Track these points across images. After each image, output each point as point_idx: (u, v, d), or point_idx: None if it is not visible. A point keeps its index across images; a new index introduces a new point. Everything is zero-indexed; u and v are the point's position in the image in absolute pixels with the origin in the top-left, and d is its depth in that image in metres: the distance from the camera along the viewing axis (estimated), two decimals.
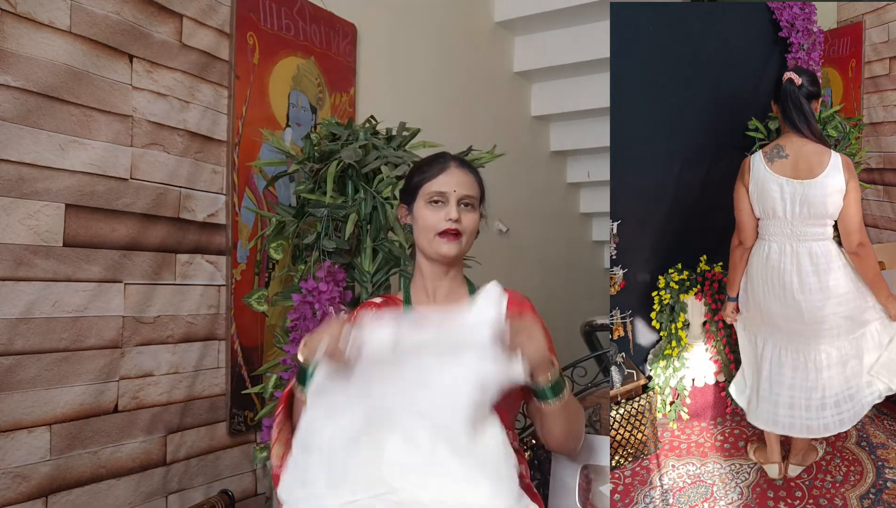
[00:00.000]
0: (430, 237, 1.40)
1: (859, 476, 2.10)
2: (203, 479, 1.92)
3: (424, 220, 1.41)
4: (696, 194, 2.45)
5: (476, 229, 1.45)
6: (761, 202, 1.93)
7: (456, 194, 1.40)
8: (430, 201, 1.41)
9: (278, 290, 2.03)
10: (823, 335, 1.90)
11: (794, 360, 1.94)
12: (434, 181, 1.41)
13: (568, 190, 4.30)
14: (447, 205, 1.40)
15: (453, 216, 1.38)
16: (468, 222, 1.41)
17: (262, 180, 2.08)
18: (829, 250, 1.88)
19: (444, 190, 1.40)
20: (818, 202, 1.85)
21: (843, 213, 1.87)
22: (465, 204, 1.41)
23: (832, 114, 2.45)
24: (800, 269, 1.88)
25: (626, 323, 2.39)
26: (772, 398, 1.98)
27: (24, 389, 1.51)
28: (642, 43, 2.23)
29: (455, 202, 1.40)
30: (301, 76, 2.25)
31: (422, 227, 1.42)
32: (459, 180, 1.42)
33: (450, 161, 1.44)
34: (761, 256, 1.97)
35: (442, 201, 1.40)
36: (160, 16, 1.80)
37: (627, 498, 2.14)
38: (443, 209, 1.40)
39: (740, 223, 2.01)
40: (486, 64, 3.48)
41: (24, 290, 1.51)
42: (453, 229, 1.39)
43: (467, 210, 1.42)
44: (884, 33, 2.89)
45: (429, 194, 1.41)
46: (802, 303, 1.88)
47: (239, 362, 2.01)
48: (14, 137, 1.49)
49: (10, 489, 1.48)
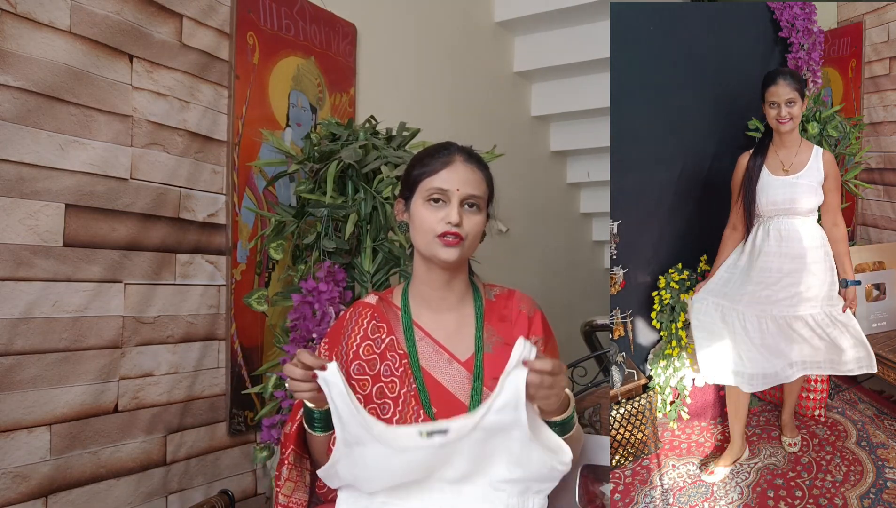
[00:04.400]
0: (427, 239, 1.24)
1: (859, 475, 2.10)
2: (203, 479, 1.92)
3: (422, 220, 1.25)
4: (696, 193, 2.45)
5: (480, 232, 1.29)
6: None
7: (459, 193, 1.24)
8: (429, 198, 1.25)
9: (278, 290, 2.03)
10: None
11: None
12: (436, 177, 1.24)
13: (568, 190, 4.30)
14: (448, 205, 1.24)
15: (454, 219, 1.22)
16: (471, 226, 1.25)
17: (262, 180, 2.08)
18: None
19: (446, 188, 1.23)
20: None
21: None
22: (470, 204, 1.26)
23: (832, 114, 2.45)
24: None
25: (627, 323, 2.39)
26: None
27: (24, 389, 1.51)
28: (642, 43, 2.23)
29: (458, 202, 1.23)
30: (301, 76, 2.25)
31: (419, 227, 1.26)
32: (465, 178, 1.25)
33: (455, 154, 1.27)
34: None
35: (443, 199, 1.24)
36: (160, 16, 1.80)
37: (628, 498, 2.14)
38: (443, 209, 1.24)
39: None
40: (486, 64, 3.47)
41: (24, 290, 1.51)
42: (453, 233, 1.22)
43: (471, 211, 1.26)
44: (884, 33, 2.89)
45: (429, 190, 1.24)
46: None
47: (239, 362, 2.01)
48: (14, 137, 1.49)
49: (10, 489, 1.48)
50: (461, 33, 3.27)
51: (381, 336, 1.32)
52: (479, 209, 1.28)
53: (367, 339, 1.32)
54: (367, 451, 1.13)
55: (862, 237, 2.94)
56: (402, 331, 1.33)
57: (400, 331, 1.33)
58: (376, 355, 1.31)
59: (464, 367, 1.30)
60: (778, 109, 2.06)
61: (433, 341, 1.32)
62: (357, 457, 1.14)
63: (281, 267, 2.10)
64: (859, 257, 2.54)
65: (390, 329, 1.33)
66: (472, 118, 3.24)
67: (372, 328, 1.33)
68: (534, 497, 1.18)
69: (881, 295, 2.60)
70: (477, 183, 1.27)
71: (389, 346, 1.31)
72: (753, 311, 2.12)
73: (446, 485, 1.16)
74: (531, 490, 1.18)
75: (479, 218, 1.27)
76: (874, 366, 2.04)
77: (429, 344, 1.32)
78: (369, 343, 1.32)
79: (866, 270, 2.56)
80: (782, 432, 2.34)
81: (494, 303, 1.38)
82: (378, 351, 1.31)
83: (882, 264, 2.58)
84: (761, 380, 2.10)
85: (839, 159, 2.48)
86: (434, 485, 1.16)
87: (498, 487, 1.16)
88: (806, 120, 2.42)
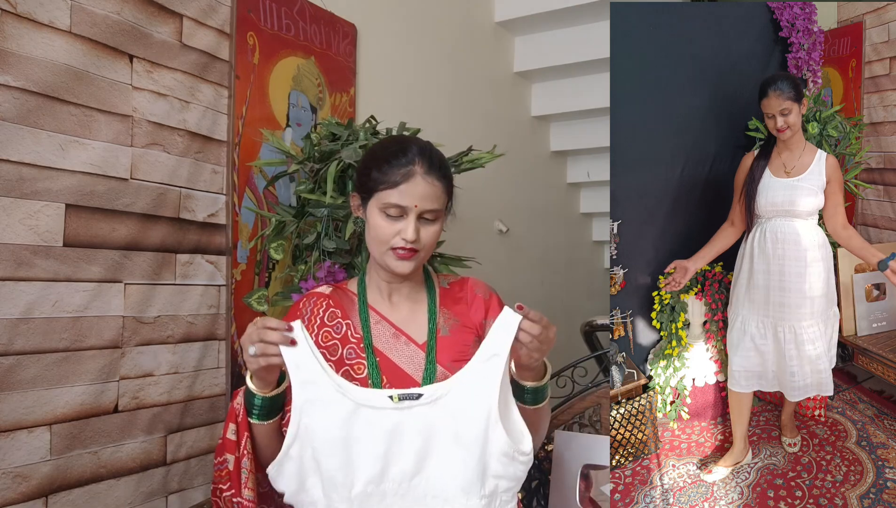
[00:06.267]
0: (382, 250, 1.25)
1: (859, 475, 2.10)
2: (203, 479, 1.92)
3: (377, 230, 1.24)
4: (696, 193, 2.45)
5: (437, 238, 1.28)
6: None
7: (417, 208, 1.22)
8: (385, 210, 1.23)
9: (278, 290, 2.03)
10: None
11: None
12: (394, 191, 1.21)
13: (568, 190, 4.30)
14: (405, 219, 1.22)
15: (409, 237, 1.21)
16: (427, 237, 1.25)
17: (263, 180, 2.08)
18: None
19: (404, 204, 1.21)
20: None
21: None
22: (427, 218, 1.25)
23: (832, 114, 2.45)
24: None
25: (627, 323, 2.39)
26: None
27: (24, 389, 1.51)
28: (642, 43, 2.23)
29: (415, 218, 1.22)
30: (301, 76, 2.25)
31: (373, 236, 1.25)
32: (424, 193, 1.22)
33: (415, 165, 1.22)
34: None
35: (401, 214, 1.23)
36: (160, 16, 1.80)
37: (628, 498, 2.14)
38: (399, 222, 1.22)
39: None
40: (486, 64, 3.47)
41: (24, 290, 1.51)
42: (408, 248, 1.22)
43: (428, 223, 1.25)
44: (884, 33, 2.89)
45: (385, 204, 1.22)
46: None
47: (239, 362, 2.01)
48: (14, 137, 1.49)
49: (10, 489, 1.48)
50: (461, 33, 3.27)
51: (339, 321, 1.33)
52: (436, 219, 1.27)
53: (324, 326, 1.34)
54: (325, 415, 1.13)
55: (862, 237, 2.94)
56: (358, 315, 1.33)
57: (356, 315, 1.34)
58: (336, 340, 1.32)
59: (421, 349, 1.31)
60: (774, 120, 2.05)
61: (390, 324, 1.33)
62: (309, 433, 1.14)
63: (281, 267, 2.10)
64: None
65: (345, 314, 1.34)
66: (472, 118, 3.24)
67: (329, 316, 1.35)
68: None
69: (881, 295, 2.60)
70: (436, 197, 1.24)
71: (347, 329, 1.33)
72: (766, 315, 2.12)
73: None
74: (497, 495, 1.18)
75: (435, 228, 1.27)
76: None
77: (386, 327, 1.33)
78: (327, 330, 1.33)
79: (866, 270, 2.56)
80: (782, 432, 2.34)
81: (448, 290, 1.41)
82: (338, 336, 1.32)
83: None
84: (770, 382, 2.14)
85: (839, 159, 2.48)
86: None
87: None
88: (806, 120, 2.42)
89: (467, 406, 1.15)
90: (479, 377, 1.16)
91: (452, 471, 1.14)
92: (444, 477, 1.15)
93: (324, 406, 1.15)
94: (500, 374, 1.15)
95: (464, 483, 1.15)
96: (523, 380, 1.24)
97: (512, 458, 1.16)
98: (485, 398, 1.15)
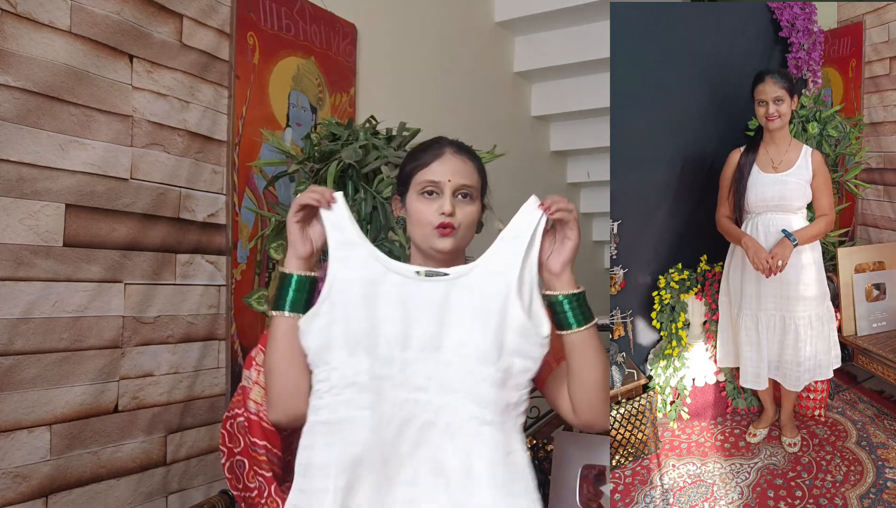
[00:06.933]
0: (425, 231, 1.27)
1: (859, 475, 2.10)
2: (203, 479, 1.92)
3: (418, 213, 1.27)
4: (696, 193, 2.45)
5: (475, 222, 1.32)
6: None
7: (451, 183, 1.26)
8: (422, 191, 1.27)
9: None
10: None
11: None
12: (427, 170, 1.28)
13: (568, 190, 4.30)
14: (441, 196, 1.26)
15: (447, 210, 1.25)
16: (464, 216, 1.28)
17: (262, 180, 2.08)
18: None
19: (438, 179, 1.26)
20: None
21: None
22: (463, 195, 1.28)
23: (832, 114, 2.45)
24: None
25: (627, 323, 2.39)
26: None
27: (25, 389, 1.51)
28: (642, 43, 2.23)
29: (450, 193, 1.26)
30: (301, 76, 2.25)
31: (415, 221, 1.28)
32: (455, 168, 1.28)
33: (445, 147, 1.30)
34: None
35: (436, 191, 1.27)
36: (160, 16, 1.80)
37: (628, 498, 2.14)
38: (437, 201, 1.26)
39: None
40: (486, 64, 3.47)
41: (24, 290, 1.51)
42: (447, 223, 1.25)
43: (464, 202, 1.28)
44: (884, 33, 2.89)
45: (421, 183, 1.27)
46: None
47: (239, 362, 2.01)
48: (14, 137, 1.49)
49: (10, 489, 1.48)
50: (461, 33, 3.27)
51: None
52: (472, 199, 1.30)
53: None
54: (357, 275, 1.20)
55: (862, 237, 2.94)
56: None
57: None
58: None
59: None
60: (766, 107, 2.07)
61: None
62: (341, 290, 1.19)
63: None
64: (859, 257, 2.54)
65: None
66: (473, 118, 3.24)
67: None
68: (515, 418, 1.20)
69: (881, 295, 2.60)
70: (468, 173, 1.30)
71: None
72: (759, 308, 2.17)
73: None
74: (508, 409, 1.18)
75: (472, 208, 1.30)
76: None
77: None
78: None
79: (866, 270, 2.56)
80: (782, 432, 2.34)
81: None
82: None
83: (882, 264, 2.58)
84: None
85: (839, 159, 2.49)
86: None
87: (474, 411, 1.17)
88: (806, 120, 2.42)
89: (489, 282, 1.20)
90: (500, 256, 1.22)
91: (474, 340, 1.18)
92: (466, 347, 1.17)
93: (357, 266, 1.21)
94: (522, 253, 1.22)
95: (481, 353, 1.17)
96: (562, 286, 1.28)
97: (527, 336, 1.19)
98: (505, 275, 1.20)
